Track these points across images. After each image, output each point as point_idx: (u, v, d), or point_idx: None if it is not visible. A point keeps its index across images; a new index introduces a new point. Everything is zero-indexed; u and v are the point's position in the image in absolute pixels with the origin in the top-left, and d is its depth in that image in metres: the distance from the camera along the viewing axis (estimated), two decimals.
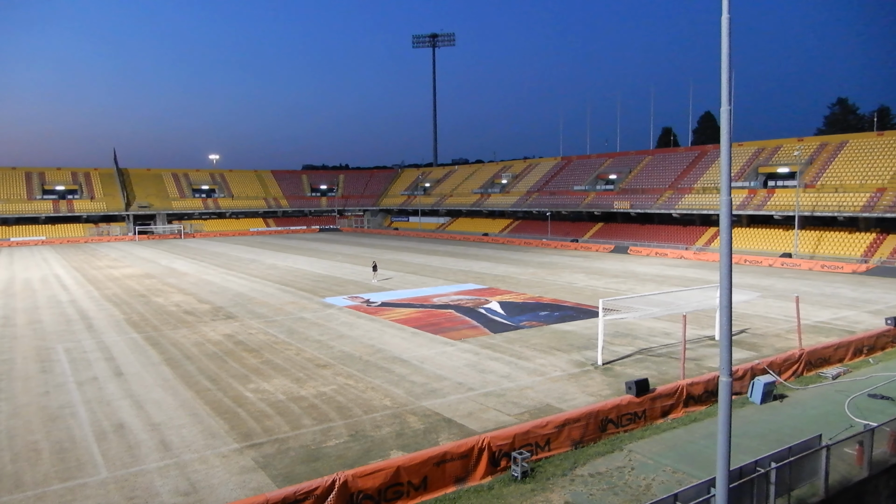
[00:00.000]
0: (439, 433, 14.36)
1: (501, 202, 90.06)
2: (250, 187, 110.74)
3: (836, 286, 38.28)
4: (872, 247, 50.64)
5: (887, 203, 51.17)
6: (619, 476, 12.30)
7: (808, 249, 53.04)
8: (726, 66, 8.05)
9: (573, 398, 16.81)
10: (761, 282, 39.76)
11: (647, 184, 74.19)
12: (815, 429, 13.27)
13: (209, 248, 69.49)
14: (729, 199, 8.42)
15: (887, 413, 14.77)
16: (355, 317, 28.78)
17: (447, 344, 23.30)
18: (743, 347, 22.18)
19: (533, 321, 27.51)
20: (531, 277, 42.85)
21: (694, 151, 76.38)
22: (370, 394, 17.33)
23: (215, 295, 35.63)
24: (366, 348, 22.65)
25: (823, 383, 18.77)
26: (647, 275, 43.96)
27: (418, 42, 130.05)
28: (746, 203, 60.68)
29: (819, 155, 61.71)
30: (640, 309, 23.28)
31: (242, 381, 18.59)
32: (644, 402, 15.21)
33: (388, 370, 19.72)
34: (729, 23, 8.02)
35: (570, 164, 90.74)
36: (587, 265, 50.68)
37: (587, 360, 20.78)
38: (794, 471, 10.83)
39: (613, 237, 69.34)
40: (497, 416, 15.51)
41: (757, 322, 26.78)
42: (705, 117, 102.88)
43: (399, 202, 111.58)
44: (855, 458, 12.04)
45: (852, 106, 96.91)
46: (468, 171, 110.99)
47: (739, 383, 17.18)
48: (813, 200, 55.28)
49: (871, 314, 28.67)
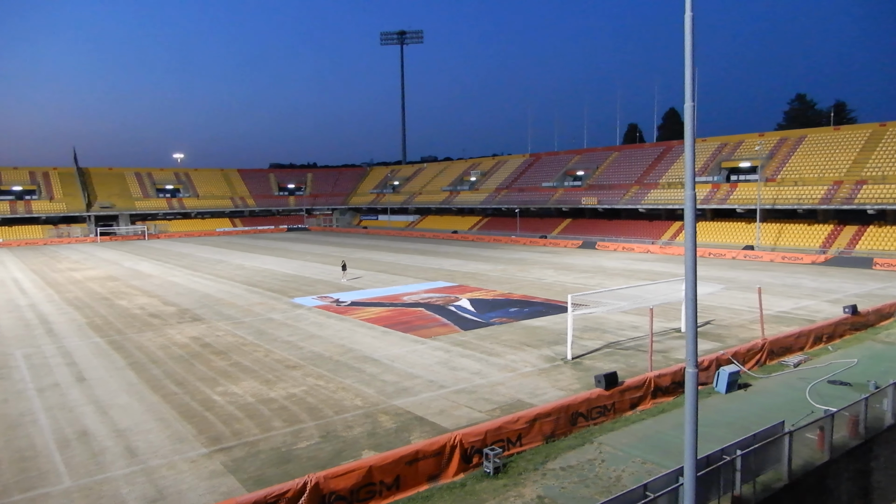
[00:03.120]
0: (411, 432, 14.33)
1: (470, 199, 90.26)
2: (216, 186, 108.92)
3: (797, 277, 39.31)
4: (830, 238, 52.16)
5: (844, 195, 52.75)
6: (590, 468, 12.44)
7: (770, 241, 54.37)
8: (690, 64, 8.17)
9: (544, 393, 16.94)
10: (725, 274, 40.61)
11: (614, 179, 75.14)
12: (778, 416, 13.60)
13: (174, 249, 68.16)
14: (693, 193, 8.55)
15: (846, 398, 15.21)
16: (325, 317, 28.54)
17: (418, 342, 23.26)
18: (708, 339, 22.63)
19: (503, 318, 27.63)
20: (501, 274, 43.05)
21: (659, 147, 77.62)
22: (341, 394, 17.21)
23: (181, 297, 34.98)
24: (336, 348, 22.48)
25: (786, 371, 19.27)
26: (614, 269, 44.54)
27: (386, 39, 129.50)
28: (710, 197, 61.90)
29: (779, 149, 63.28)
30: (608, 303, 23.60)
31: (210, 384, 18.28)
32: (613, 395, 15.41)
33: (359, 370, 19.61)
34: (692, 21, 8.13)
35: (538, 160, 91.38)
36: (556, 261, 51.12)
37: (557, 354, 20.96)
38: (758, 457, 11.09)
39: (582, 233, 70.09)
40: (469, 412, 15.54)
41: (722, 313, 27.34)
42: (670, 113, 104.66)
43: (368, 200, 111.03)
44: (816, 442, 12.38)
45: (810, 101, 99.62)
46: (437, 168, 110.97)
47: (705, 374, 17.52)
48: (774, 194, 56.67)
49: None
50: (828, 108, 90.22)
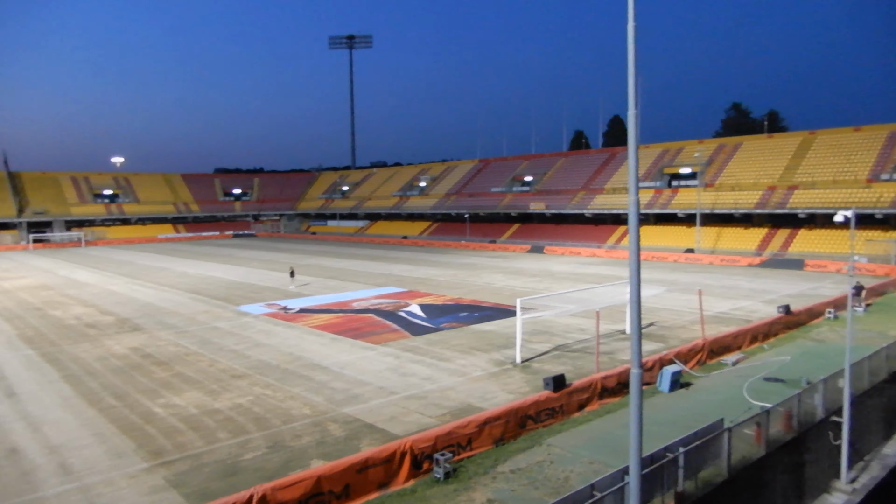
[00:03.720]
0: (361, 439, 14.19)
1: (421, 205, 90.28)
2: (158, 191, 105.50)
3: (735, 278, 40.86)
4: (765, 241, 54.47)
5: (777, 200, 55.19)
6: (539, 470, 12.59)
7: (709, 245, 56.34)
8: (632, 72, 8.37)
9: (494, 397, 17.06)
10: (667, 277, 41.85)
11: (562, 185, 76.51)
12: (718, 413, 14.07)
13: (113, 257, 65.61)
14: (637, 199, 8.76)
15: (781, 394, 15.87)
16: (272, 324, 27.99)
17: (368, 348, 23.09)
18: (652, 339, 23.25)
19: (453, 322, 27.71)
20: (451, 279, 43.19)
21: (604, 153, 79.47)
22: (289, 403, 16.90)
23: (120, 306, 33.69)
24: (284, 356, 22.07)
25: (724, 370, 19.99)
26: (562, 273, 45.29)
27: (335, 43, 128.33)
28: (653, 202, 63.73)
29: (717, 156, 65.72)
30: (556, 307, 23.95)
31: (151, 396, 17.65)
32: (561, 397, 15.64)
33: (308, 378, 19.30)
34: (634, 30, 8.35)
35: (487, 166, 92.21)
36: (505, 265, 51.63)
37: (507, 358, 21.15)
38: (700, 454, 11.44)
39: (530, 237, 71.03)
40: (419, 418, 15.51)
41: (664, 315, 28.15)
42: (614, 120, 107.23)
43: (317, 206, 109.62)
44: (754, 438, 12.86)
45: (746, 110, 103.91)
46: (387, 173, 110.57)
47: (649, 374, 18.00)
48: (712, 199, 58.78)
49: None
50: (762, 116, 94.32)
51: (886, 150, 54.16)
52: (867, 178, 52.46)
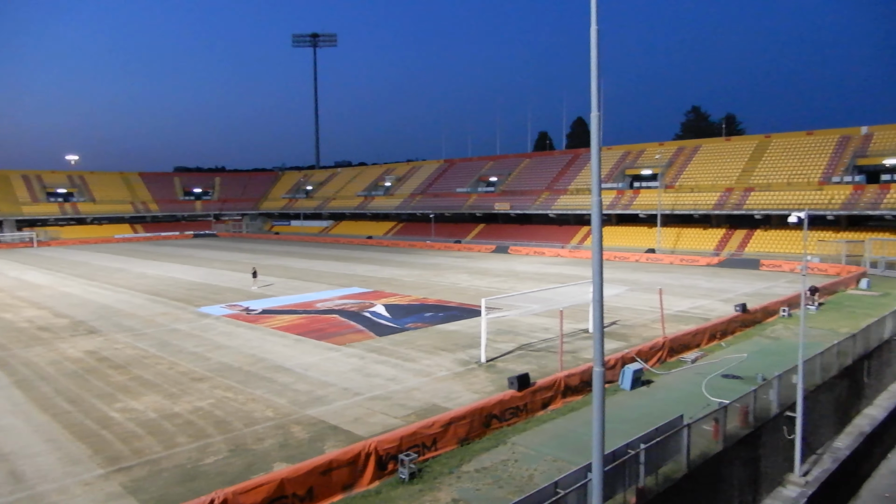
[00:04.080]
0: (325, 441, 14.06)
1: (386, 205, 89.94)
2: (115, 190, 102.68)
3: (694, 278, 41.80)
4: (723, 241, 55.88)
5: (734, 201, 56.68)
6: (504, 469, 12.66)
7: (670, 245, 57.53)
8: (595, 75, 8.48)
9: (459, 396, 17.10)
10: (629, 276, 42.56)
11: (526, 185, 77.14)
12: (678, 409, 14.36)
13: (68, 257, 63.60)
14: (599, 199, 8.87)
15: (738, 391, 16.28)
16: (234, 326, 27.52)
17: (332, 349, 22.89)
18: (614, 338, 23.62)
19: (418, 323, 27.68)
20: (416, 279, 43.13)
21: (568, 155, 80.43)
22: (251, 405, 16.64)
23: (75, 308, 32.68)
24: (246, 358, 21.72)
25: (684, 367, 20.43)
26: (526, 273, 45.66)
27: (298, 41, 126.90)
28: (615, 203, 64.76)
29: (677, 158, 67.14)
30: (520, 306, 24.16)
31: (108, 401, 17.17)
32: (525, 396, 15.76)
33: (271, 380, 19.04)
34: (597, 34, 8.46)
35: (452, 166, 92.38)
36: (470, 265, 51.81)
37: (472, 358, 21.22)
38: (660, 450, 11.66)
39: (495, 237, 71.43)
40: (384, 419, 15.44)
41: (626, 314, 28.62)
42: (578, 122, 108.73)
43: (280, 206, 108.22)
44: (712, 433, 13.16)
45: (704, 113, 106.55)
46: (352, 173, 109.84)
47: (612, 372, 18.27)
48: (673, 200, 60.03)
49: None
50: (719, 120, 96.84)
51: (837, 154, 56.14)
52: (819, 180, 54.28)
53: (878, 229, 49.10)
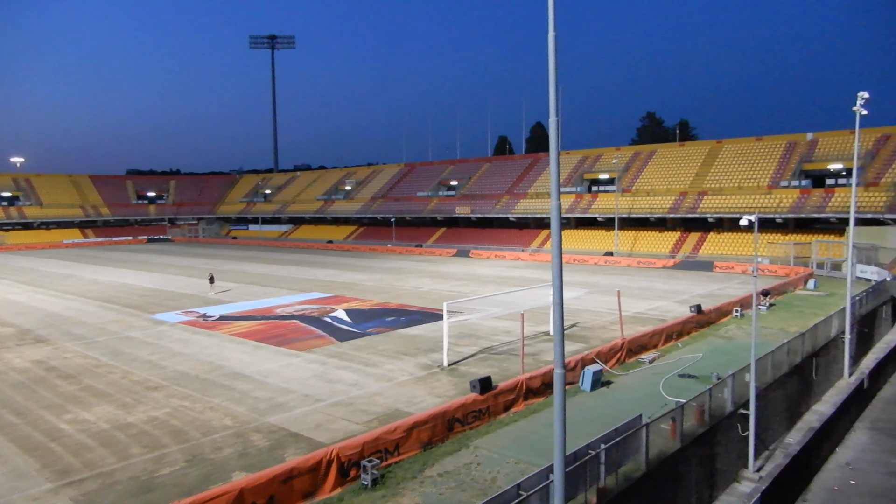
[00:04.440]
0: (286, 449, 13.84)
1: (346, 209, 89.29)
2: (64, 194, 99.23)
3: (651, 280, 42.69)
4: (678, 244, 57.27)
5: (689, 205, 58.16)
6: (467, 472, 12.68)
7: (627, 248, 58.66)
8: (553, 81, 8.60)
9: (421, 401, 17.05)
10: (588, 279, 43.21)
11: (486, 189, 77.63)
12: (637, 409, 14.60)
13: (13, 263, 61.11)
14: (558, 203, 8.98)
15: (694, 390, 16.67)
16: (191, 333, 26.88)
17: (292, 356, 22.57)
18: (574, 340, 23.92)
19: (380, 327, 27.53)
20: (378, 283, 42.91)
21: (528, 159, 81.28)
22: (209, 414, 16.26)
23: (21, 316, 31.42)
24: (203, 366, 21.23)
25: (642, 368, 20.83)
26: (488, 276, 45.91)
27: (256, 43, 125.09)
28: (574, 207, 65.71)
29: (633, 163, 68.56)
30: (482, 310, 24.28)
31: (57, 412, 16.54)
32: (488, 399, 15.83)
33: (229, 387, 18.65)
34: (555, 40, 8.58)
35: (413, 170, 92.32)
36: (432, 269, 51.81)
37: (434, 362, 21.20)
38: (620, 450, 11.85)
39: (456, 241, 71.64)
40: (346, 425, 15.29)
41: (586, 316, 29.03)
42: (537, 127, 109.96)
43: (238, 210, 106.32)
44: (669, 432, 13.45)
45: (659, 119, 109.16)
46: (311, 177, 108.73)
47: (572, 374, 18.50)
48: (630, 203, 61.25)
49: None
50: (673, 125, 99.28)
51: (784, 159, 58.18)
52: (768, 184, 56.16)
53: (823, 231, 51.05)
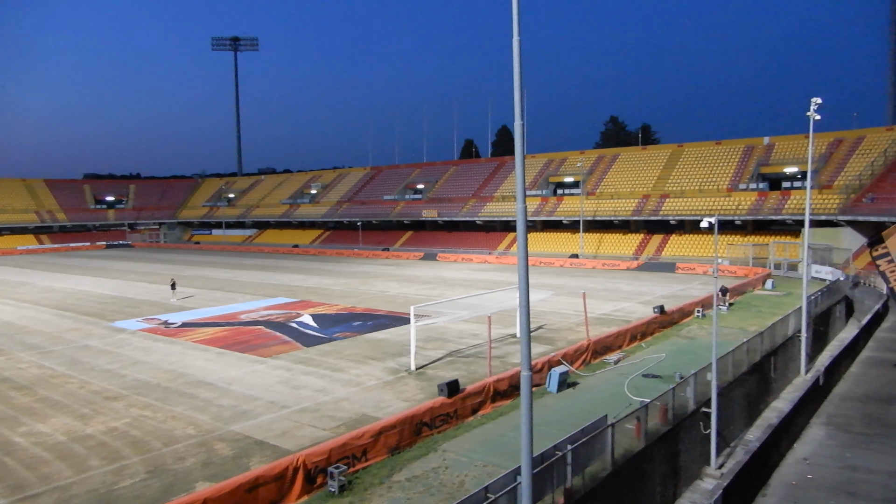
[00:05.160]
0: (251, 457, 13.61)
1: (312, 213, 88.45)
2: (17, 198, 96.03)
3: (615, 281, 43.32)
4: (641, 246, 58.25)
5: (651, 208, 59.23)
6: (435, 476, 12.65)
7: (592, 250, 59.43)
8: (518, 85, 8.67)
9: (389, 405, 16.97)
10: (554, 281, 43.63)
11: (453, 193, 77.79)
12: (602, 410, 14.79)
13: None
14: (524, 206, 9.05)
15: (657, 389, 16.95)
16: (152, 340, 26.26)
17: (257, 362, 22.23)
18: (541, 342, 24.11)
19: (347, 332, 27.33)
20: (344, 288, 42.59)
21: (493, 162, 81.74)
22: (171, 423, 15.90)
23: None
24: (165, 374, 20.76)
25: (607, 368, 21.10)
26: (455, 280, 45.98)
27: (218, 45, 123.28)
28: (540, 210, 66.31)
29: (597, 166, 69.53)
30: (449, 313, 24.29)
31: (10, 425, 15.97)
32: (455, 403, 15.83)
33: (192, 395, 18.27)
34: (519, 45, 8.66)
35: (379, 173, 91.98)
36: (399, 273, 51.66)
37: (401, 366, 21.13)
38: (586, 450, 11.97)
39: (423, 245, 71.58)
40: (313, 432, 15.12)
41: (552, 318, 29.30)
42: (502, 130, 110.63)
43: (201, 214, 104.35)
44: (634, 431, 13.65)
45: (622, 123, 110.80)
46: (276, 180, 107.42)
47: (539, 375, 18.64)
48: (594, 206, 62.08)
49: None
50: (636, 129, 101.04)
51: (743, 163, 59.72)
52: (727, 187, 57.57)
53: (780, 233, 52.51)
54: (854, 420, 20.32)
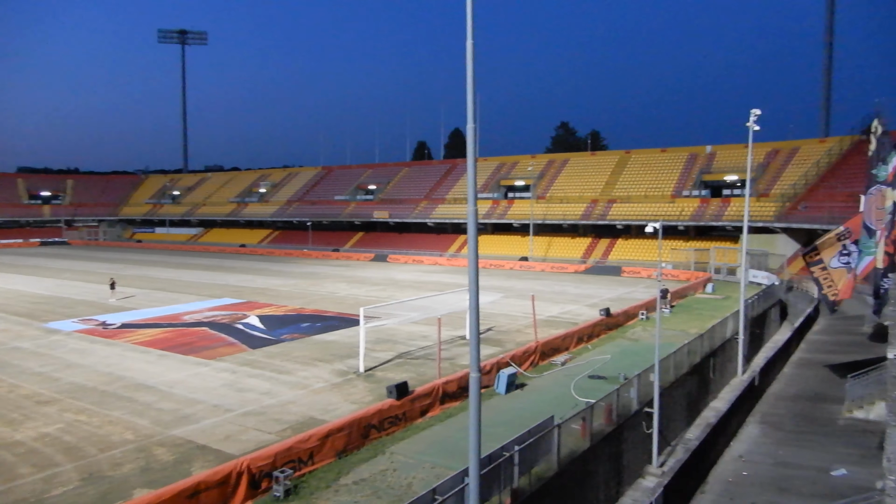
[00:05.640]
0: (192, 462, 13.23)
1: (260, 212, 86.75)
2: None
3: (563, 284, 44.06)
4: (589, 249, 59.44)
5: (599, 212, 60.52)
6: (383, 479, 12.58)
7: (541, 253, 60.28)
8: (471, 88, 8.72)
9: (336, 408, 16.79)
10: (504, 283, 44.05)
11: (405, 194, 77.63)
12: (549, 411, 15.00)
13: None
14: (475, 209, 9.12)
15: (603, 390, 17.32)
16: (88, 342, 25.23)
17: (201, 364, 21.64)
18: (490, 344, 24.30)
19: (295, 333, 26.90)
20: (293, 289, 41.93)
21: (446, 165, 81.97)
22: (108, 428, 15.30)
23: None
24: (102, 377, 19.97)
25: (555, 370, 21.43)
26: (405, 281, 45.87)
27: (165, 37, 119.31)
28: (491, 213, 66.86)
29: (548, 170, 70.60)
30: (399, 315, 24.21)
31: None
32: (404, 405, 15.79)
33: (131, 399, 17.64)
34: (473, 48, 8.71)
35: (330, 173, 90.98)
36: (349, 274, 51.21)
37: (350, 368, 20.94)
38: (533, 451, 12.13)
39: (374, 246, 71.15)
40: (258, 435, 14.81)
41: (501, 320, 29.57)
42: (455, 133, 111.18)
43: (143, 212, 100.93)
44: (580, 432, 13.91)
45: (572, 129, 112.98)
46: (223, 178, 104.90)
47: (487, 377, 18.78)
48: (544, 210, 62.99)
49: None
50: (585, 135, 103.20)
51: (686, 170, 61.69)
52: (672, 193, 59.36)
53: (720, 238, 54.42)
54: (786, 418, 21.25)
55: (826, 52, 73.13)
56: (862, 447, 17.75)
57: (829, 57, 73.21)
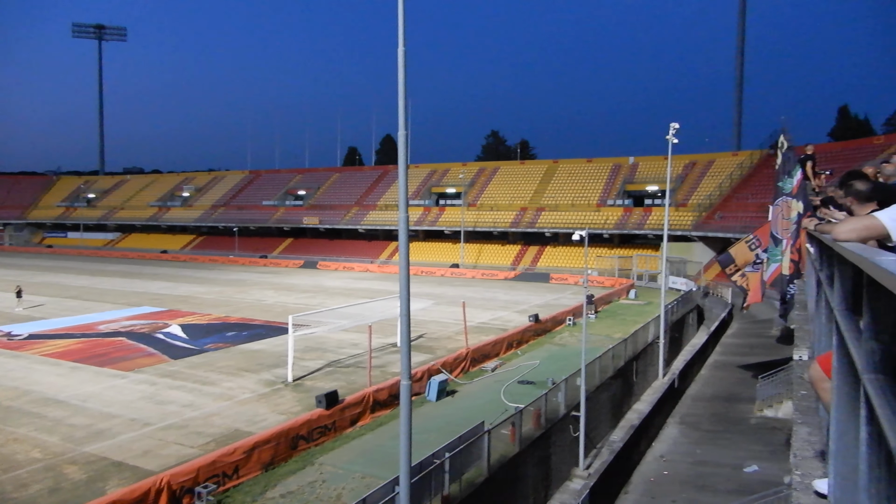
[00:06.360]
0: (107, 480, 12.53)
1: (183, 216, 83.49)
2: None
3: (494, 291, 44.63)
4: (519, 256, 60.54)
5: (528, 220, 61.77)
6: (311, 491, 12.32)
7: (472, 260, 60.89)
8: (402, 95, 8.74)
9: (263, 419, 16.32)
10: (435, 290, 44.18)
11: (336, 200, 76.66)
12: (480, 416, 15.14)
13: None
14: (406, 216, 9.12)
15: (532, 395, 17.64)
16: None
17: (117, 376, 20.56)
18: (421, 351, 24.29)
19: (219, 343, 26.01)
20: (217, 296, 40.55)
21: (377, 171, 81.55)
22: (13, 447, 14.28)
23: None
24: (6, 391, 18.63)
25: (485, 376, 21.65)
26: (335, 288, 45.24)
27: (80, 32, 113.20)
28: (422, 220, 66.99)
29: (479, 178, 71.47)
30: (329, 322, 23.85)
31: None
32: (334, 414, 15.55)
33: (39, 415, 16.54)
34: (404, 55, 8.73)
35: (258, 178, 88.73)
36: (277, 281, 50.02)
37: (278, 378, 20.42)
38: (464, 457, 12.20)
39: (303, 252, 69.81)
40: (179, 450, 14.19)
41: (432, 327, 29.63)
42: (387, 139, 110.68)
43: (55, 215, 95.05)
44: (509, 437, 14.10)
45: (502, 137, 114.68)
46: (143, 181, 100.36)
47: (419, 384, 18.76)
48: (475, 217, 63.70)
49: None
50: (515, 144, 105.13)
51: (611, 180, 63.92)
52: (597, 202, 61.33)
53: (642, 246, 56.62)
54: (703, 418, 22.29)
55: (737, 70, 77.73)
56: (771, 444, 18.84)
57: (740, 75, 77.88)
